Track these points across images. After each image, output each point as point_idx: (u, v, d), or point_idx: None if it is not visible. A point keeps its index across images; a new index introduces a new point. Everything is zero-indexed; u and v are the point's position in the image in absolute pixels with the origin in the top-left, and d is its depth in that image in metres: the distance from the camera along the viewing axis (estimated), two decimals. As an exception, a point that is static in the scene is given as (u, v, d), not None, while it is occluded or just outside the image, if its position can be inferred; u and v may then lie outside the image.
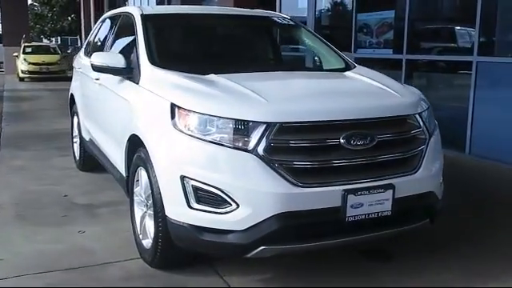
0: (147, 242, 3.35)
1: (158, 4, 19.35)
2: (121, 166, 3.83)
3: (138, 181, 3.49)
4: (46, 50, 20.62)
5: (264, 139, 2.77)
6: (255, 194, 2.75)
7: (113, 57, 3.80)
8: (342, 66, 4.12)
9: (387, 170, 2.97)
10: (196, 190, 2.84)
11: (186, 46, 4.18)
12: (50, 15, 34.94)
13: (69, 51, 22.17)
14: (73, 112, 5.93)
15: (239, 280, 3.20)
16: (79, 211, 4.48)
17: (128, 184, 3.69)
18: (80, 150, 5.60)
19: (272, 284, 3.19)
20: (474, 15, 6.27)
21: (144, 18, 4.07)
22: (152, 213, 3.23)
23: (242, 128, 2.81)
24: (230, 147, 2.80)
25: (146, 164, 3.19)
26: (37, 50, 20.13)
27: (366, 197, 2.85)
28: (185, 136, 2.90)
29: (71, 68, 22.29)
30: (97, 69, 3.86)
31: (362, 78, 3.65)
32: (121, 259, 3.48)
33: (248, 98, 2.99)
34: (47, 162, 6.23)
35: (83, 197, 4.87)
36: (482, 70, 6.29)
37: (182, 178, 2.86)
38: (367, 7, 8.25)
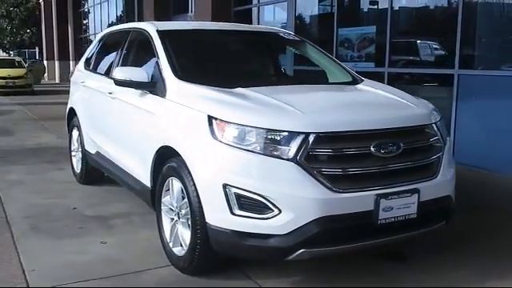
0: (179, 250, 3.49)
1: (117, 19, 19.45)
2: (144, 178, 3.94)
3: (167, 191, 3.62)
4: (11, 64, 20.25)
5: (303, 148, 2.96)
6: (297, 200, 2.94)
7: (136, 71, 3.93)
8: (349, 79, 4.37)
9: (412, 175, 3.21)
10: (239, 197, 3.00)
11: (205, 61, 4.34)
12: (9, 28, 34.22)
13: (26, 65, 21.81)
14: (72, 125, 5.97)
15: (271, 282, 3.37)
16: (93, 223, 4.55)
17: (153, 195, 3.81)
18: (82, 163, 5.65)
19: (302, 285, 3.37)
20: (454, 31, 6.66)
21: (161, 33, 4.22)
22: (185, 221, 3.38)
23: (282, 138, 3.00)
24: (270, 156, 2.98)
25: (181, 174, 3.33)
26: (1, 64, 19.75)
27: (396, 201, 3.08)
28: (226, 146, 3.07)
29: (38, 81, 21.72)
30: (119, 83, 3.98)
31: (376, 90, 3.91)
32: (150, 267, 3.59)
33: (283, 109, 3.18)
34: (44, 176, 6.24)
35: (92, 209, 4.94)
36: (463, 82, 6.68)
37: (225, 186, 3.02)
38: (348, 22, 8.58)
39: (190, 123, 3.35)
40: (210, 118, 3.18)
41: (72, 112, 5.91)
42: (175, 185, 3.49)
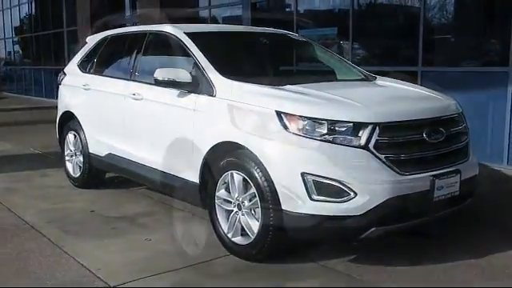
0: (241, 239, 3.73)
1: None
2: (189, 174, 4.12)
3: (224, 184, 3.85)
4: None
5: (373, 137, 3.35)
6: (370, 183, 3.31)
7: (181, 72, 4.10)
8: (361, 76, 4.82)
9: (454, 158, 3.71)
10: (317, 183, 3.32)
11: (239, 61, 4.59)
12: None
13: None
14: (66, 129, 5.93)
15: (332, 262, 3.70)
16: (122, 223, 4.63)
17: (203, 190, 4.01)
18: (84, 166, 5.65)
19: (358, 262, 3.73)
20: (417, 31, 7.35)
21: (190, 36, 4.43)
22: (249, 211, 3.65)
23: (352, 128, 3.37)
24: (344, 145, 3.34)
25: (246, 166, 3.59)
26: None
27: (445, 180, 3.55)
28: (301, 138, 3.38)
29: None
30: (162, 83, 4.14)
31: (399, 85, 4.38)
32: (213, 257, 3.80)
33: (345, 103, 3.56)
34: (34, 183, 6.13)
35: (111, 210, 4.99)
36: (426, 78, 7.37)
37: (303, 174, 3.33)
38: (309, 24, 9.05)
39: (256, 119, 3.60)
40: (279, 114, 3.47)
41: (67, 116, 5.86)
42: (236, 177, 3.73)
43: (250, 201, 3.66)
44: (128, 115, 4.87)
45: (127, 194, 5.56)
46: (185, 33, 4.48)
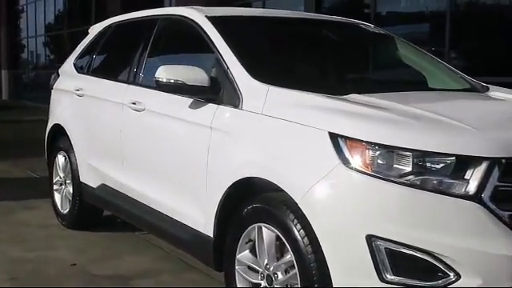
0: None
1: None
2: (200, 224, 3.30)
3: (248, 243, 2.98)
4: None
5: (489, 181, 2.39)
6: (484, 259, 2.35)
7: (193, 71, 3.29)
8: (466, 85, 3.85)
9: None
10: (393, 254, 2.40)
11: (285, 59, 3.74)
12: None
13: None
14: (55, 149, 5.25)
15: None
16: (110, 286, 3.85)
17: (218, 248, 3.17)
18: (73, 200, 4.93)
19: None
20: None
21: (215, 21, 3.63)
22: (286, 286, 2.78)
23: (455, 166, 2.43)
24: (439, 193, 2.40)
25: (282, 219, 2.73)
26: None
27: None
28: (368, 178, 2.47)
29: None
30: (165, 87, 3.35)
31: None
32: None
33: (445, 124, 2.63)
34: (12, 218, 5.47)
35: (99, 265, 4.25)
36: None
37: (370, 237, 2.42)
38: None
39: (299, 145, 2.74)
40: (335, 137, 2.58)
41: (58, 131, 5.18)
42: (266, 235, 2.86)
43: (286, 273, 2.79)
44: (125, 132, 4.10)
45: (129, 241, 4.80)
46: (207, 17, 3.68)
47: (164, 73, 3.33)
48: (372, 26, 4.40)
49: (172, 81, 3.30)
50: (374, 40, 4.38)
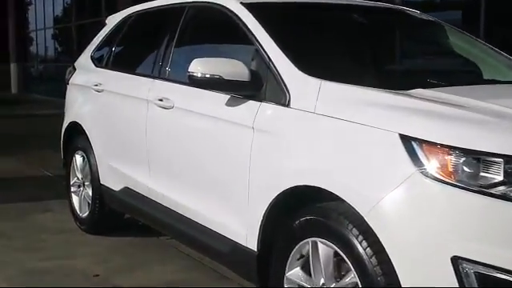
0: None
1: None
2: (241, 235, 2.94)
3: (300, 259, 2.62)
4: None
5: None
6: None
7: (230, 65, 2.92)
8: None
9: None
10: (484, 279, 2.02)
11: (331, 48, 3.37)
12: None
13: None
14: (73, 149, 4.90)
15: None
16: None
17: (262, 264, 2.81)
18: (93, 203, 4.58)
19: None
20: None
21: (252, 8, 3.26)
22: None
23: None
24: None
25: (340, 232, 2.36)
26: None
27: None
28: (452, 189, 2.09)
29: None
30: (201, 82, 2.98)
31: None
32: None
33: None
34: (29, 222, 5.13)
35: (125, 276, 3.90)
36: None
37: (455, 260, 2.04)
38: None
39: (362, 149, 2.37)
40: (408, 140, 2.21)
41: (75, 129, 4.83)
42: (322, 251, 2.49)
43: (350, 296, 2.41)
44: (152, 131, 3.73)
45: (154, 247, 4.46)
46: (242, 4, 3.31)
47: (198, 66, 2.96)
48: (418, 12, 4.00)
49: (208, 75, 2.92)
50: (424, 28, 3.98)
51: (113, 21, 4.87)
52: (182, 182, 3.48)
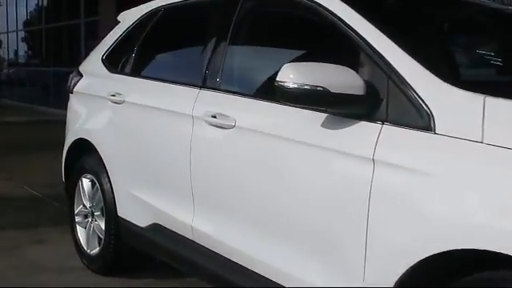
0: None
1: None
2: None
3: None
4: None
5: None
6: None
7: (340, 73, 2.12)
8: None
9: None
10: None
11: (474, 53, 2.59)
12: None
13: None
14: (78, 171, 4.03)
15: None
16: None
17: None
18: (107, 239, 3.72)
19: None
20: None
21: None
22: None
23: None
24: None
25: None
26: None
27: None
28: None
29: None
30: (294, 95, 2.17)
31: None
32: None
33: None
34: (20, 258, 4.24)
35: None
36: None
37: None
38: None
39: None
40: None
41: (82, 147, 3.96)
42: None
43: None
44: (199, 156, 2.90)
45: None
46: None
47: (291, 74, 2.14)
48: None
49: (307, 86, 2.11)
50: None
51: (130, 18, 4.00)
52: (248, 226, 2.64)
